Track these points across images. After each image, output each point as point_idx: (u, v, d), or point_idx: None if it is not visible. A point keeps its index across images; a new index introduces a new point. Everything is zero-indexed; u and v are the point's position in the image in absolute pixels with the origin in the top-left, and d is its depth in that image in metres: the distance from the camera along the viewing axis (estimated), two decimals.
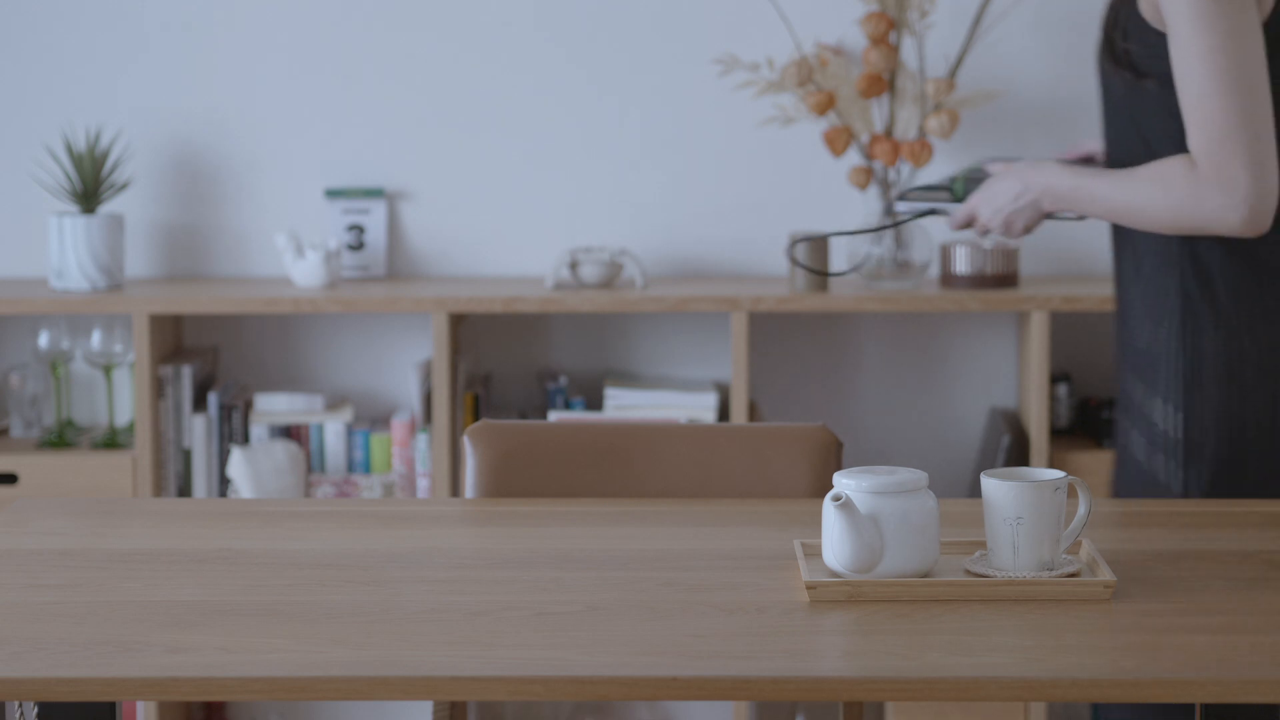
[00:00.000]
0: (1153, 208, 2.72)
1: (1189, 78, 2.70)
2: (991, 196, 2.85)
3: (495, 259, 4.17)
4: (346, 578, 2.21)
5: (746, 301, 3.84)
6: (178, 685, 1.88)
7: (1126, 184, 2.74)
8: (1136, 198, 2.73)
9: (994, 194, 2.85)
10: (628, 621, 2.05)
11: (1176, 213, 2.70)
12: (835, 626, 2.04)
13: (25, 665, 1.91)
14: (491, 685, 1.89)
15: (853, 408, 4.19)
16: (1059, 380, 4.07)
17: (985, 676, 1.89)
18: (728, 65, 3.99)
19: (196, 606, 2.09)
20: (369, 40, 4.13)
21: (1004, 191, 2.84)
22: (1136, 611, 2.07)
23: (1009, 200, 2.84)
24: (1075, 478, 2.20)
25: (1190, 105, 2.69)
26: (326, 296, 3.87)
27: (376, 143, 4.14)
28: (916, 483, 2.15)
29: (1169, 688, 1.88)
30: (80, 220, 3.94)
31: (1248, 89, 2.68)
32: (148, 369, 3.90)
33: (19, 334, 4.18)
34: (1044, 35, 4.12)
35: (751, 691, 1.89)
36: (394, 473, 3.98)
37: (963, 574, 2.17)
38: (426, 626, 2.03)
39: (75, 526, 2.45)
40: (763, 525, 2.43)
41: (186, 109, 4.15)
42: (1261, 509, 2.51)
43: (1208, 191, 2.69)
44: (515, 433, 2.66)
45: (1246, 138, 2.66)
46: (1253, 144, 2.66)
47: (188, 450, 3.99)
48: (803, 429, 2.68)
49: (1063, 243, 4.17)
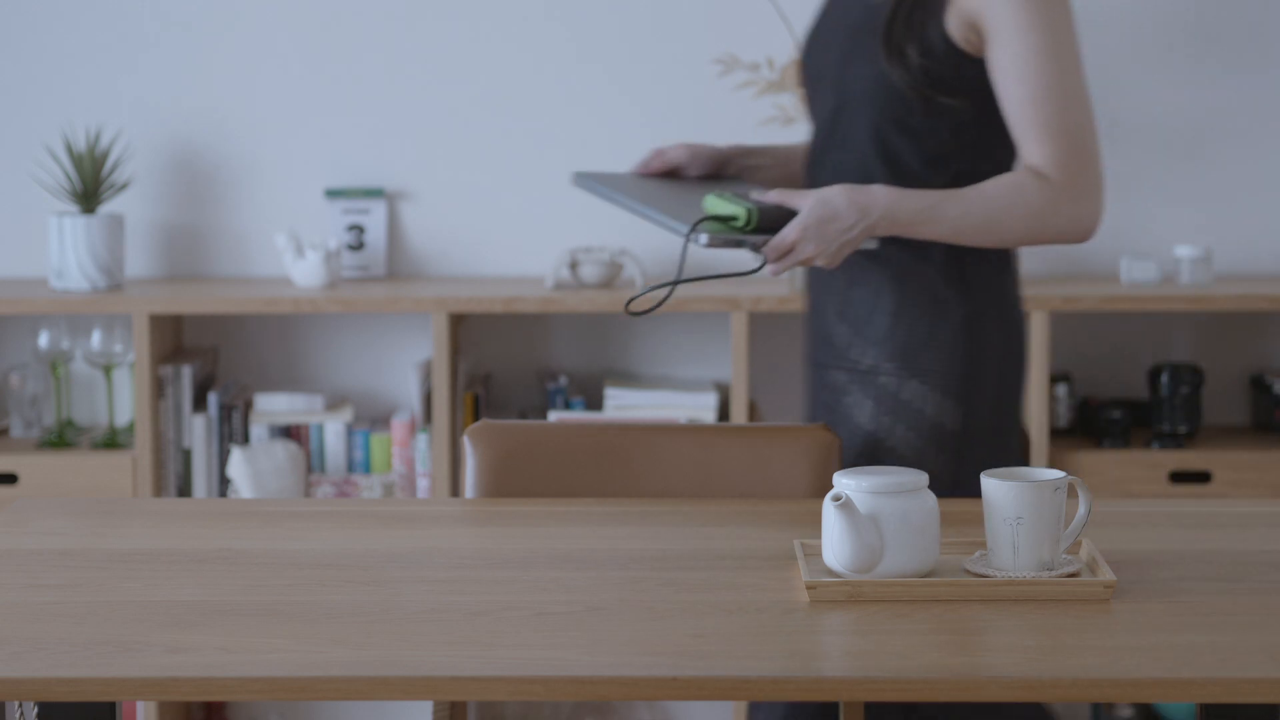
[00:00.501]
0: (1009, 224, 2.67)
1: (1037, 90, 2.66)
2: (821, 228, 2.61)
3: (495, 259, 4.17)
4: (346, 578, 2.21)
5: (746, 301, 3.84)
6: (178, 685, 1.88)
7: (979, 203, 2.66)
8: (992, 215, 2.66)
9: (824, 225, 2.61)
10: (628, 621, 2.05)
11: (1031, 226, 2.68)
12: (835, 626, 2.04)
13: (25, 665, 1.91)
14: (491, 685, 1.89)
15: None
16: (1059, 380, 4.07)
17: (985, 676, 1.89)
18: (728, 65, 4.00)
19: (196, 606, 2.09)
20: (369, 40, 4.13)
21: (836, 221, 2.61)
22: (1136, 611, 2.07)
23: (842, 231, 2.62)
24: (1075, 478, 2.20)
25: (1039, 117, 2.66)
26: (326, 296, 3.87)
27: (376, 143, 4.14)
28: (916, 483, 2.15)
29: (1169, 688, 1.88)
30: (80, 220, 3.94)
31: (1086, 98, 2.72)
32: (148, 369, 3.90)
33: (19, 334, 4.18)
34: None
35: (751, 691, 1.89)
36: (394, 473, 3.98)
37: (963, 574, 2.17)
38: (426, 626, 2.03)
39: (75, 526, 2.45)
40: (763, 525, 2.43)
41: (186, 109, 4.15)
42: (1262, 509, 2.51)
43: (1065, 203, 2.67)
44: (515, 433, 2.66)
45: (1093, 146, 2.69)
46: (1097, 151, 2.70)
47: (188, 450, 3.99)
48: (803, 429, 2.68)
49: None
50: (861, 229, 2.63)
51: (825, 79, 2.83)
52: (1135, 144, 4.14)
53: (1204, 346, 4.19)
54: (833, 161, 2.82)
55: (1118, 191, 4.15)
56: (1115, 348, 4.20)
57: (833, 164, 2.82)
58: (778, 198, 2.64)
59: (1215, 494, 3.89)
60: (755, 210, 2.61)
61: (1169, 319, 4.20)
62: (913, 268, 2.77)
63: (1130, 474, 3.92)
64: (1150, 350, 4.19)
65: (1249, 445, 4.00)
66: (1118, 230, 4.16)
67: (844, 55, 2.80)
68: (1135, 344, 4.20)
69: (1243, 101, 4.13)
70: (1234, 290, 3.91)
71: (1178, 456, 3.93)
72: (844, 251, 2.63)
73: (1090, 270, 4.17)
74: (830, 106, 2.81)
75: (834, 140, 2.81)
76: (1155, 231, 4.16)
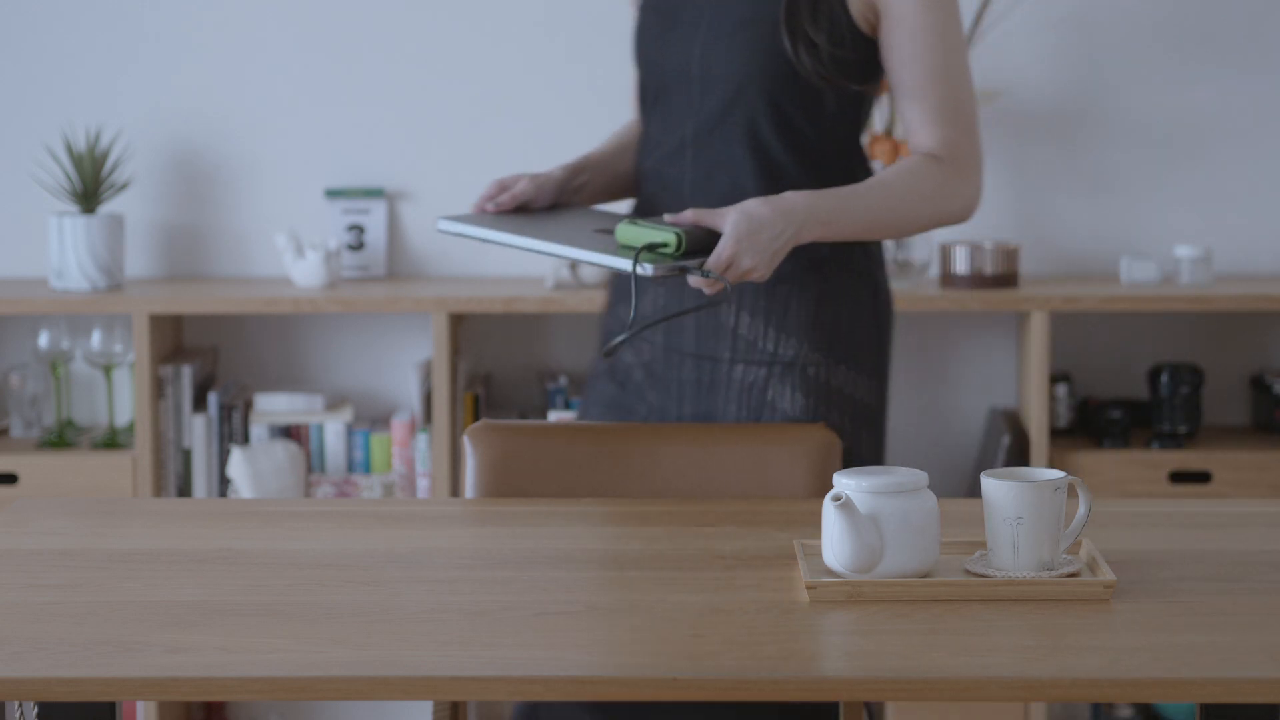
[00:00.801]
0: (914, 211, 2.66)
1: (934, 68, 2.66)
2: (752, 239, 2.52)
3: (495, 259, 4.17)
4: (346, 578, 2.21)
5: None
6: (178, 685, 1.88)
7: (884, 194, 2.64)
8: (898, 205, 2.65)
9: (754, 236, 2.52)
10: (628, 621, 2.05)
11: (932, 212, 2.68)
12: (835, 626, 2.04)
13: (25, 665, 1.91)
14: (491, 685, 1.89)
15: None
16: (1059, 380, 4.07)
17: (985, 676, 1.89)
18: None
19: (196, 606, 2.09)
20: (368, 40, 4.13)
21: (765, 230, 2.53)
22: (1136, 611, 2.07)
23: (773, 239, 2.54)
24: (1075, 478, 2.20)
25: (934, 96, 2.66)
26: (326, 296, 3.87)
27: (376, 143, 4.14)
28: (916, 483, 2.15)
29: (1169, 688, 1.88)
30: (80, 220, 3.94)
31: (971, 77, 2.72)
32: (148, 369, 3.90)
33: (19, 334, 4.18)
34: (1044, 35, 4.12)
35: (751, 691, 1.89)
36: (394, 473, 3.98)
37: (963, 574, 2.17)
38: (426, 626, 2.03)
39: (75, 526, 2.45)
40: (763, 525, 2.42)
41: (186, 109, 4.15)
42: (1262, 509, 2.51)
43: (958, 185, 2.69)
44: (515, 433, 2.66)
45: (978, 125, 2.71)
46: (979, 131, 2.72)
47: (188, 450, 3.99)
48: (803, 429, 2.68)
49: (1063, 243, 4.17)
50: (790, 234, 2.56)
51: (689, 72, 2.74)
52: (1135, 144, 4.14)
53: (1204, 346, 4.19)
54: (701, 157, 2.74)
55: (1118, 191, 4.16)
56: (1115, 348, 4.20)
57: (700, 159, 2.74)
58: (694, 218, 2.54)
59: (1215, 494, 3.89)
60: (684, 234, 2.51)
61: (1169, 319, 4.20)
62: (826, 254, 2.76)
63: (1130, 474, 3.92)
64: (1150, 350, 4.20)
65: (1249, 445, 4.00)
66: (1118, 230, 4.16)
67: (726, 48, 2.72)
68: (1135, 344, 4.20)
69: (1243, 101, 4.13)
70: (1234, 290, 3.91)
71: (1178, 456, 3.93)
72: (776, 260, 2.55)
73: (1090, 270, 4.17)
74: (696, 100, 2.74)
75: (701, 135, 2.74)
76: (1155, 231, 4.16)
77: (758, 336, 2.76)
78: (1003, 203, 4.16)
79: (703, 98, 2.74)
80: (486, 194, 2.72)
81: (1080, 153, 4.15)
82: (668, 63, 2.77)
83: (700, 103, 2.74)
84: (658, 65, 2.79)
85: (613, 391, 2.85)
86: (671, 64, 2.77)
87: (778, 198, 2.58)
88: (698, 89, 2.75)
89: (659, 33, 2.79)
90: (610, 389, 2.86)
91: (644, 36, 2.82)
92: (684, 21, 2.77)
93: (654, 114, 2.81)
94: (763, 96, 2.71)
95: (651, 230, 2.50)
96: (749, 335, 2.76)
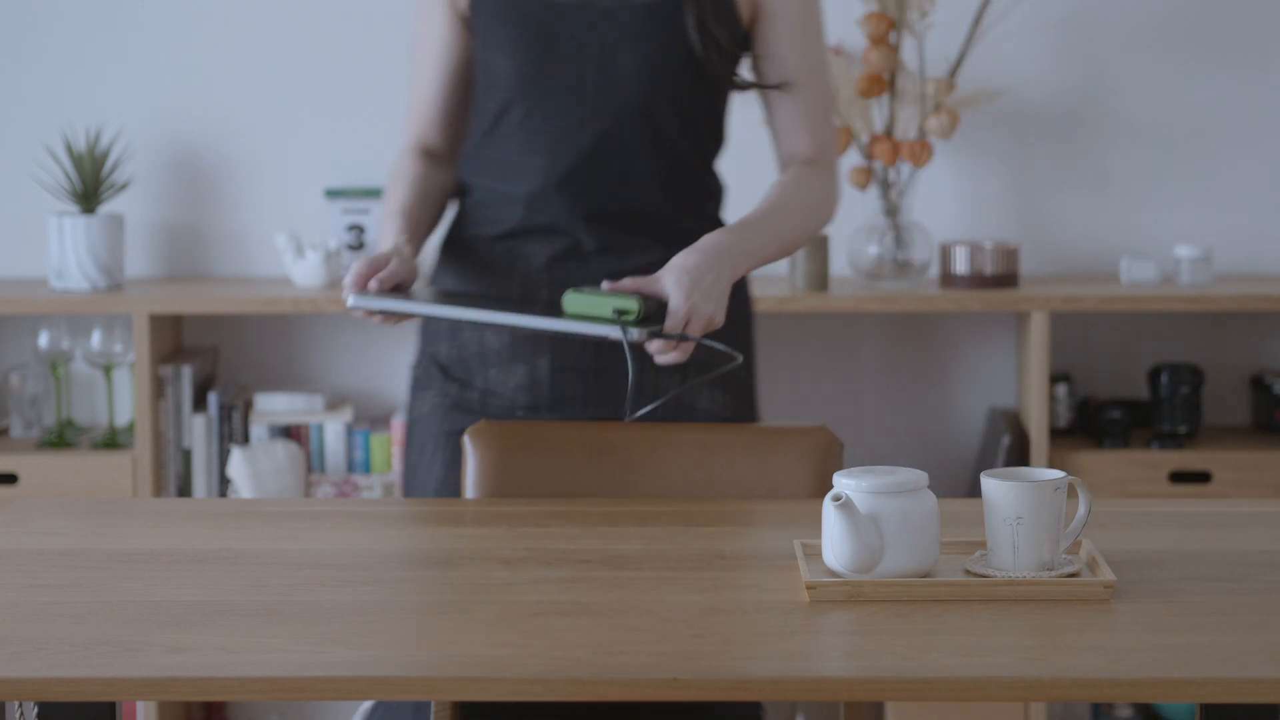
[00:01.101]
0: (810, 225, 2.66)
1: (814, 67, 2.66)
2: (699, 289, 2.48)
3: None
4: (346, 578, 2.21)
5: None
6: (178, 685, 1.88)
7: (790, 217, 2.62)
8: (801, 224, 2.64)
9: (699, 285, 2.48)
10: (627, 621, 2.05)
11: (820, 221, 2.69)
12: (835, 626, 2.04)
13: (25, 665, 1.91)
14: (491, 685, 1.89)
15: (853, 408, 4.19)
16: (1059, 380, 4.07)
17: (985, 676, 1.89)
18: None
19: (196, 606, 2.09)
20: (368, 40, 4.13)
21: (706, 276, 2.49)
22: (1136, 611, 2.07)
23: (715, 281, 2.50)
24: (1075, 478, 2.20)
25: (811, 96, 2.65)
26: (326, 296, 3.87)
27: (376, 143, 4.14)
28: (916, 483, 2.15)
29: (1169, 688, 1.88)
30: (80, 220, 3.94)
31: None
32: (148, 369, 3.90)
33: (19, 334, 4.18)
34: (1044, 35, 4.12)
35: (751, 691, 1.89)
36: (394, 473, 3.98)
37: (963, 574, 2.17)
38: (426, 626, 2.03)
39: (75, 526, 2.45)
40: (763, 525, 2.42)
41: (186, 109, 4.15)
42: (1262, 509, 2.51)
43: (832, 189, 2.70)
44: (515, 432, 2.66)
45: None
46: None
47: (188, 450, 3.99)
48: (803, 429, 2.68)
49: (1063, 243, 4.17)
50: (728, 272, 2.53)
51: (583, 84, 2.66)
52: (1135, 144, 4.14)
53: (1204, 346, 4.19)
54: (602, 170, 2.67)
55: (1118, 191, 4.16)
56: (1115, 348, 4.20)
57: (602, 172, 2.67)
58: (633, 285, 2.48)
59: (1215, 494, 3.89)
60: (638, 302, 2.43)
61: (1169, 319, 4.20)
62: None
63: (1130, 474, 3.92)
64: (1150, 350, 4.20)
65: (1249, 445, 4.00)
66: (1118, 230, 4.16)
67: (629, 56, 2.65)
68: (1135, 344, 4.20)
69: (1243, 101, 4.13)
70: (1234, 290, 3.91)
71: (1178, 456, 3.93)
72: (725, 300, 2.52)
73: (1090, 270, 4.17)
74: (589, 112, 2.66)
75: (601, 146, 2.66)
76: (1155, 231, 4.16)
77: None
78: (1003, 203, 4.16)
79: (600, 109, 2.66)
80: (361, 271, 2.54)
81: (1080, 153, 4.15)
82: (549, 77, 2.67)
83: (596, 114, 2.66)
84: (532, 80, 2.67)
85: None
86: (555, 77, 2.66)
87: (702, 243, 2.53)
88: (594, 100, 2.66)
89: (530, 44, 2.67)
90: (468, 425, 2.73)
91: (508, 51, 2.68)
92: (565, 33, 2.66)
93: (517, 133, 2.70)
94: (671, 102, 2.67)
95: (609, 299, 2.43)
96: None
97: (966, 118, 4.08)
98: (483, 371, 2.74)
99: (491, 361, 2.73)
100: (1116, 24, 4.12)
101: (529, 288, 2.71)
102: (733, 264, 2.54)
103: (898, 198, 3.97)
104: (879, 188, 3.98)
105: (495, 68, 2.70)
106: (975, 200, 4.16)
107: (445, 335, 2.79)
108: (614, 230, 2.69)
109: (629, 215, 2.69)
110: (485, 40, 2.71)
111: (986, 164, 4.14)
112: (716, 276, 2.51)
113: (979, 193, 4.16)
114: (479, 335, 2.74)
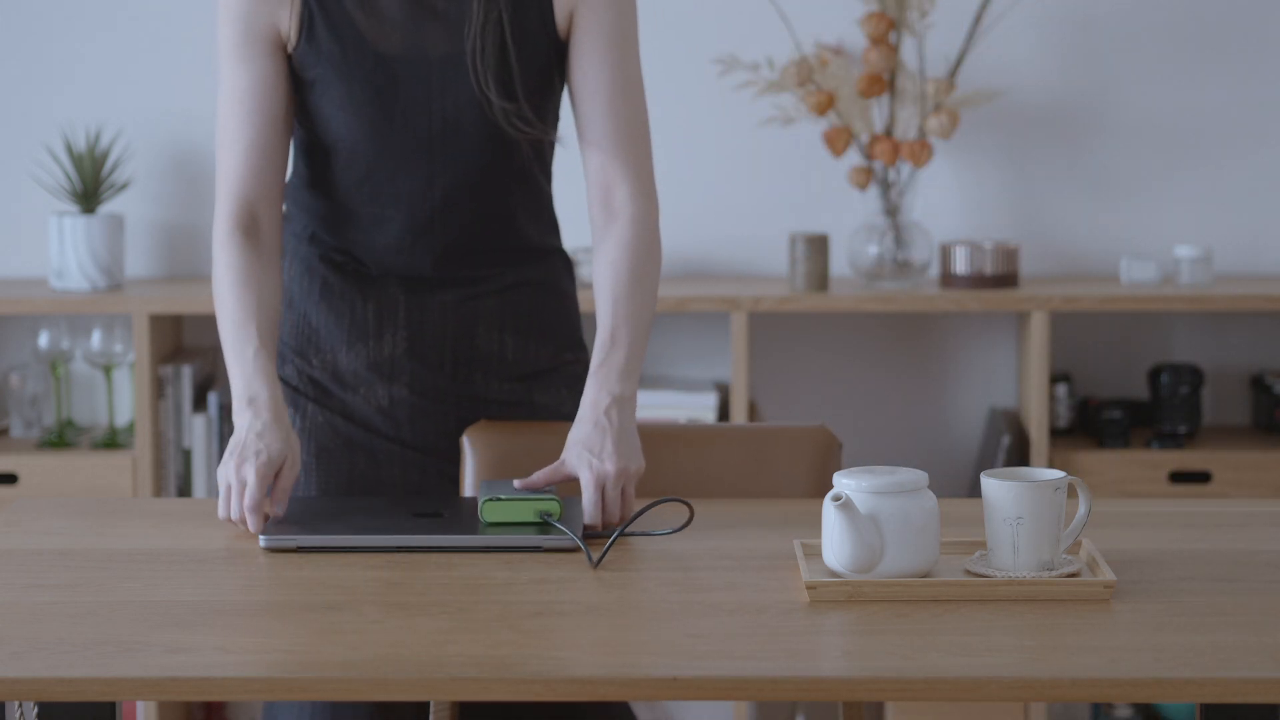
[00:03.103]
0: (655, 285, 2.57)
1: (631, 80, 2.59)
2: (606, 454, 2.43)
3: None
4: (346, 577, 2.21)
5: (746, 301, 3.84)
6: (178, 685, 1.88)
7: (638, 308, 2.53)
8: (650, 298, 2.55)
9: (604, 451, 2.43)
10: (628, 621, 2.05)
11: (658, 267, 2.59)
12: (835, 626, 2.04)
13: (25, 665, 1.91)
14: (491, 685, 1.89)
15: (853, 408, 4.19)
16: (1059, 380, 4.07)
17: (985, 676, 1.89)
18: (728, 65, 3.99)
19: (196, 606, 2.09)
20: None
21: (605, 438, 2.45)
22: (1136, 611, 2.07)
23: (618, 435, 2.45)
24: (1075, 478, 2.20)
25: (639, 133, 2.58)
26: None
27: None
28: (916, 483, 2.15)
29: (1169, 688, 1.88)
30: (80, 220, 3.95)
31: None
32: (148, 369, 3.90)
33: (19, 334, 4.18)
34: (1044, 35, 4.12)
35: (751, 691, 1.89)
36: None
37: (963, 574, 2.17)
38: (426, 626, 2.03)
39: (75, 526, 2.45)
40: (763, 525, 2.42)
41: (186, 109, 4.15)
42: (1262, 509, 2.51)
43: (653, 224, 2.60)
44: (515, 433, 2.66)
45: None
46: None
47: (188, 450, 3.99)
48: (803, 429, 2.68)
49: (1063, 243, 4.17)
50: (623, 416, 2.47)
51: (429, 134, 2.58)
52: (1135, 144, 4.14)
53: (1204, 346, 4.19)
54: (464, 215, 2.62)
55: (1118, 191, 4.16)
56: (1115, 348, 4.20)
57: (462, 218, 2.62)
58: (545, 478, 2.45)
59: (1215, 494, 3.89)
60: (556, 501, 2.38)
61: (1169, 319, 4.20)
62: (545, 258, 2.71)
63: (1130, 474, 3.92)
64: (1150, 350, 4.20)
65: (1249, 445, 4.00)
66: (1118, 230, 4.16)
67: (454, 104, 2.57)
68: (1135, 344, 4.20)
69: (1243, 101, 4.14)
70: (1234, 290, 3.91)
71: (1178, 456, 3.93)
72: (635, 441, 2.46)
73: (1090, 270, 4.17)
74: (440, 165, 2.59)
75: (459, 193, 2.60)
76: (1155, 231, 4.16)
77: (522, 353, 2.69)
78: (1003, 203, 4.16)
79: (448, 164, 2.59)
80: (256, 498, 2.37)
81: (1080, 153, 4.15)
82: (397, 134, 2.57)
83: (446, 168, 2.59)
84: (380, 142, 2.57)
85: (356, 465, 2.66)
86: (403, 134, 2.57)
87: (583, 411, 2.48)
88: (442, 156, 2.59)
89: (374, 102, 2.56)
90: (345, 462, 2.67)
91: (351, 111, 2.56)
92: (406, 93, 2.56)
93: (364, 185, 2.61)
94: (513, 143, 2.60)
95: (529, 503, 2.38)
96: (513, 355, 2.68)
97: (966, 118, 4.08)
98: (340, 393, 2.67)
99: (348, 384, 2.68)
100: (1116, 24, 4.12)
101: (384, 313, 2.64)
102: (618, 402, 2.48)
103: (898, 198, 3.97)
104: (879, 188, 3.99)
105: (334, 124, 2.58)
106: (975, 200, 4.16)
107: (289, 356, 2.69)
108: (468, 265, 2.65)
109: (484, 249, 2.65)
110: (321, 94, 2.58)
111: (986, 164, 4.14)
112: (616, 429, 2.45)
113: (979, 193, 4.16)
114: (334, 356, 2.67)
